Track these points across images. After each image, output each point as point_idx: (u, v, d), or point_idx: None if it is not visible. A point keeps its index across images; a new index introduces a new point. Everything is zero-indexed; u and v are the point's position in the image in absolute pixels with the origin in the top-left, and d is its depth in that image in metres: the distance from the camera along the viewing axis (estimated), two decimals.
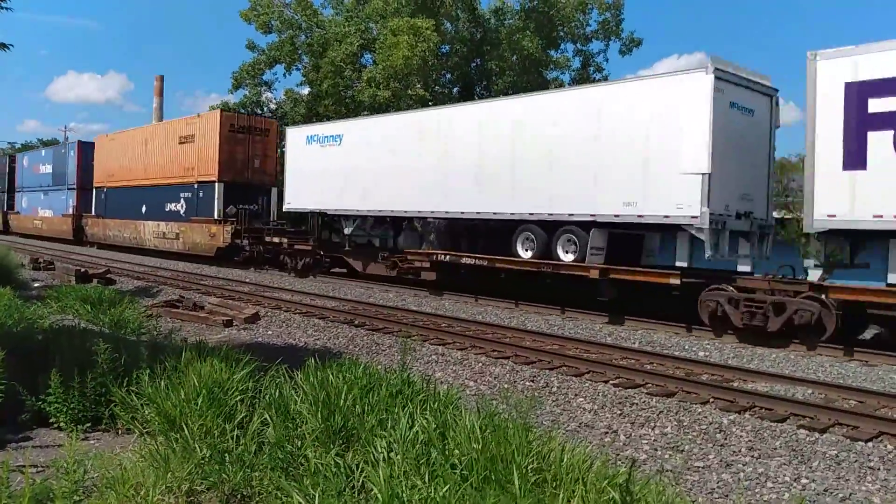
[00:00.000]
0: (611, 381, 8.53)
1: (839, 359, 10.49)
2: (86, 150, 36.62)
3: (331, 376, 5.87)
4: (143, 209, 29.94)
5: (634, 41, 36.41)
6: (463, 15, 34.53)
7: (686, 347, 11.10)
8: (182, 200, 27.37)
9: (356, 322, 12.70)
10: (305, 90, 36.13)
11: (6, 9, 8.91)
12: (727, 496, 5.24)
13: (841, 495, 5.29)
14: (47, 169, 40.26)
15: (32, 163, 43.16)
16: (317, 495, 3.93)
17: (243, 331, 12.05)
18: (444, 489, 3.83)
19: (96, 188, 34.76)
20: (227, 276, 21.18)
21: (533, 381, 8.63)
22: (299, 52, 35.07)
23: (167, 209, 28.19)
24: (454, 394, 5.98)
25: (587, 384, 8.43)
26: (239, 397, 5.62)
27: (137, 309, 12.78)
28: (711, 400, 7.68)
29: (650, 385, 8.34)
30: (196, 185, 26.54)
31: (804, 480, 5.54)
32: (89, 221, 34.95)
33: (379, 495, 3.86)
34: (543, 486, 4.00)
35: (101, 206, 34.24)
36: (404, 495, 3.79)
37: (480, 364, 9.50)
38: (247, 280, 20.03)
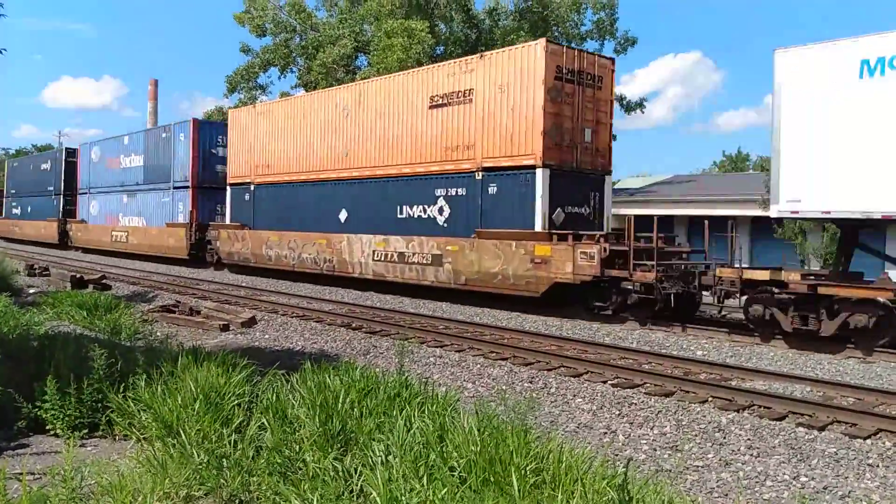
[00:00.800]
0: (609, 382, 8.52)
1: (837, 357, 10.49)
2: (207, 131, 26.50)
3: (328, 380, 5.88)
4: (344, 216, 19.14)
5: (629, 40, 36.45)
6: (457, 16, 34.53)
7: (684, 347, 11.11)
8: (441, 202, 16.36)
9: (353, 325, 12.68)
10: (300, 93, 36.11)
11: (0, 15, 8.89)
12: (727, 495, 5.24)
13: (840, 493, 5.29)
14: (135, 161, 29.62)
15: (107, 154, 32.16)
16: (315, 499, 3.93)
17: (240, 335, 12.02)
18: (443, 492, 3.82)
19: (233, 186, 23.62)
20: (222, 279, 21.09)
21: (531, 382, 8.62)
22: (293, 54, 35.06)
23: (404, 216, 17.31)
24: (452, 396, 5.98)
25: (585, 385, 8.42)
26: (236, 402, 5.62)
27: (133, 314, 12.77)
28: (710, 399, 7.68)
29: (648, 385, 8.34)
30: (480, 176, 15.46)
31: (803, 478, 5.54)
32: (223, 234, 23.63)
33: (378, 498, 3.86)
34: (542, 488, 3.99)
35: (245, 212, 22.99)
36: (403, 498, 3.78)
37: (478, 366, 9.49)
38: (242, 284, 19.97)
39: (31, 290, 16.97)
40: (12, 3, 27.56)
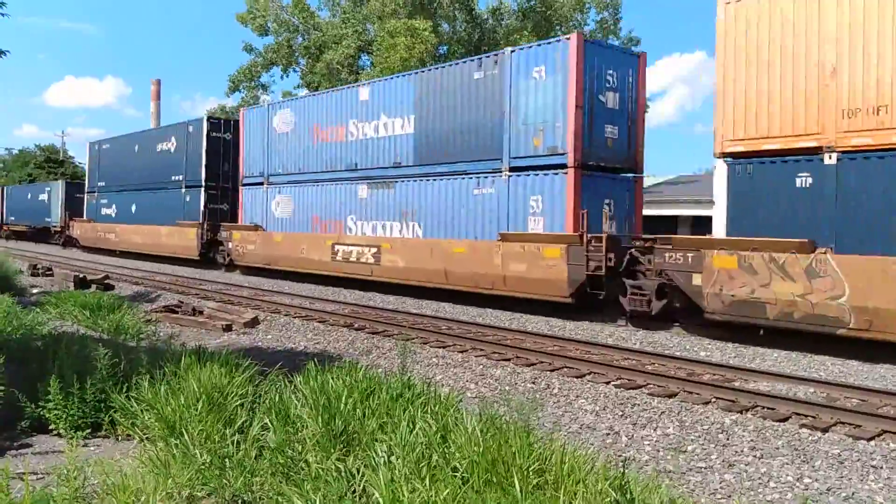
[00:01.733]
0: (612, 383, 8.51)
1: (841, 357, 10.46)
2: (593, 62, 13.96)
3: (331, 380, 5.87)
4: None
5: (633, 40, 36.48)
6: (460, 15, 34.54)
7: (687, 348, 11.08)
8: None
9: (356, 325, 12.68)
10: (303, 92, 36.15)
11: (3, 14, 8.90)
12: (730, 496, 5.22)
13: (844, 494, 5.27)
14: (388, 128, 17.87)
15: (311, 120, 20.64)
16: (318, 500, 3.92)
17: (243, 335, 12.03)
18: (445, 492, 3.82)
19: (744, 160, 11.26)
20: (226, 280, 21.12)
21: (534, 382, 8.61)
22: (296, 54, 35.14)
23: None
24: (455, 397, 5.97)
25: (588, 385, 8.41)
26: (239, 402, 5.62)
27: (136, 314, 12.78)
28: (713, 400, 7.66)
29: (652, 386, 8.32)
30: None
31: (807, 480, 5.53)
32: (723, 261, 10.99)
33: (380, 499, 3.85)
34: (545, 489, 3.98)
35: (795, 214, 10.61)
36: (405, 499, 3.78)
37: (481, 366, 9.48)
38: (245, 284, 19.98)
39: (35, 291, 17.00)
40: (16, 2, 27.60)
